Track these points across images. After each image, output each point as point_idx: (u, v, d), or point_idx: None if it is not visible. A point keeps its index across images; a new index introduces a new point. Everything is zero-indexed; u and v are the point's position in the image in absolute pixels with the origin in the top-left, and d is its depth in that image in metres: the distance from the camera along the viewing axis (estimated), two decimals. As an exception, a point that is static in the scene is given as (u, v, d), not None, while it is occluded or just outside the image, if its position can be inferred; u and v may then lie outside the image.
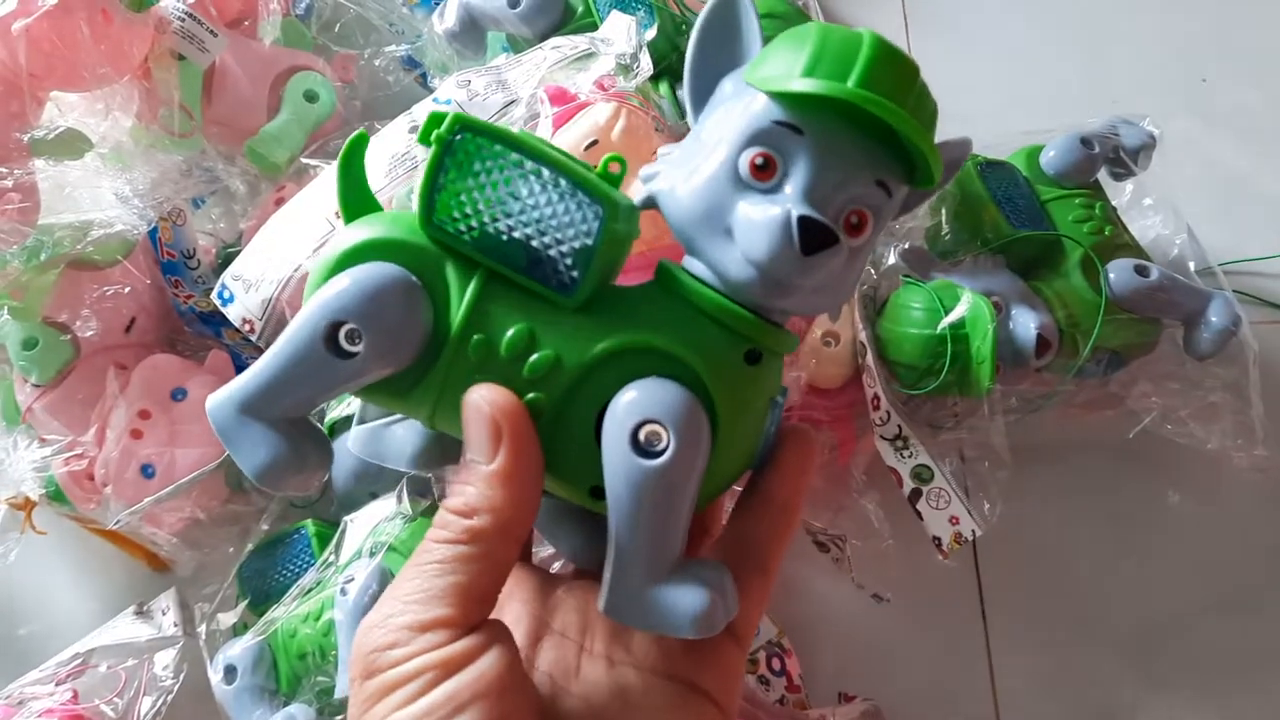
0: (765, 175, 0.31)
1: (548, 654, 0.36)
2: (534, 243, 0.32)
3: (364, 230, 0.33)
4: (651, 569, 0.31)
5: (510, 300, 0.32)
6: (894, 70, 0.32)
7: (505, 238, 0.32)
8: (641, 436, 0.31)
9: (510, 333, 0.32)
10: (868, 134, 0.32)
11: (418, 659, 0.30)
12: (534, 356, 0.32)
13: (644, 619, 0.31)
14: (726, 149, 0.32)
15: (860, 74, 0.31)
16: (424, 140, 0.32)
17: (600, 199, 0.31)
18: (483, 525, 0.31)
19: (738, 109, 0.32)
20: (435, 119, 0.31)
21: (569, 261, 0.32)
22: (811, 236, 0.30)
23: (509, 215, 0.32)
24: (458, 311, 0.32)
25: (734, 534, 0.37)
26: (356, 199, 0.35)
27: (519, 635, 0.35)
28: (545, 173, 0.31)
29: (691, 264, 0.34)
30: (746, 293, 0.32)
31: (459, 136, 0.31)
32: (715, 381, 0.32)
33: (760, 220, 0.31)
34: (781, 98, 0.31)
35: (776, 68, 0.32)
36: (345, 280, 0.32)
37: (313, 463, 0.34)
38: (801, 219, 0.30)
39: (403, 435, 0.37)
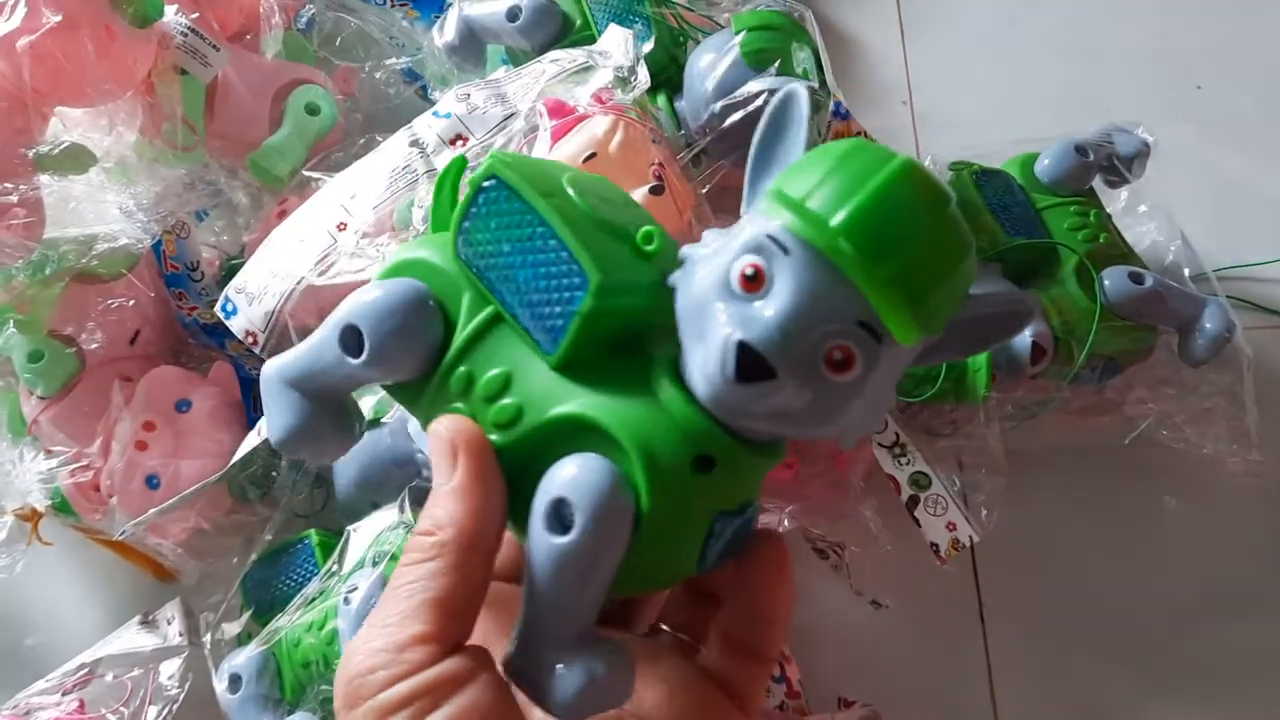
0: (753, 287, 0.29)
1: None
2: (531, 295, 0.32)
3: (413, 250, 0.35)
4: (549, 640, 0.31)
5: (505, 343, 0.33)
6: (896, 210, 0.29)
7: (511, 282, 0.32)
8: (556, 511, 0.30)
9: (490, 374, 0.33)
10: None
11: (403, 684, 0.30)
12: (501, 402, 0.33)
13: (533, 689, 0.31)
14: (730, 252, 0.30)
15: (849, 214, 0.28)
16: (447, 177, 0.33)
17: (589, 272, 0.31)
18: (445, 538, 0.31)
19: (756, 212, 0.31)
20: (459, 162, 0.33)
21: (558, 323, 0.32)
22: (745, 366, 0.29)
23: (518, 263, 0.32)
24: (455, 341, 0.33)
25: (727, 624, 0.36)
26: (439, 218, 0.37)
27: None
28: (550, 235, 0.31)
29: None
30: (706, 404, 0.31)
31: (490, 183, 0.32)
32: (649, 479, 0.30)
33: (714, 336, 0.30)
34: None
35: (794, 180, 0.30)
36: (374, 290, 0.34)
37: (327, 441, 0.36)
38: (740, 344, 0.29)
39: None
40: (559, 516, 0.30)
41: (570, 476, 0.30)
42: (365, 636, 0.31)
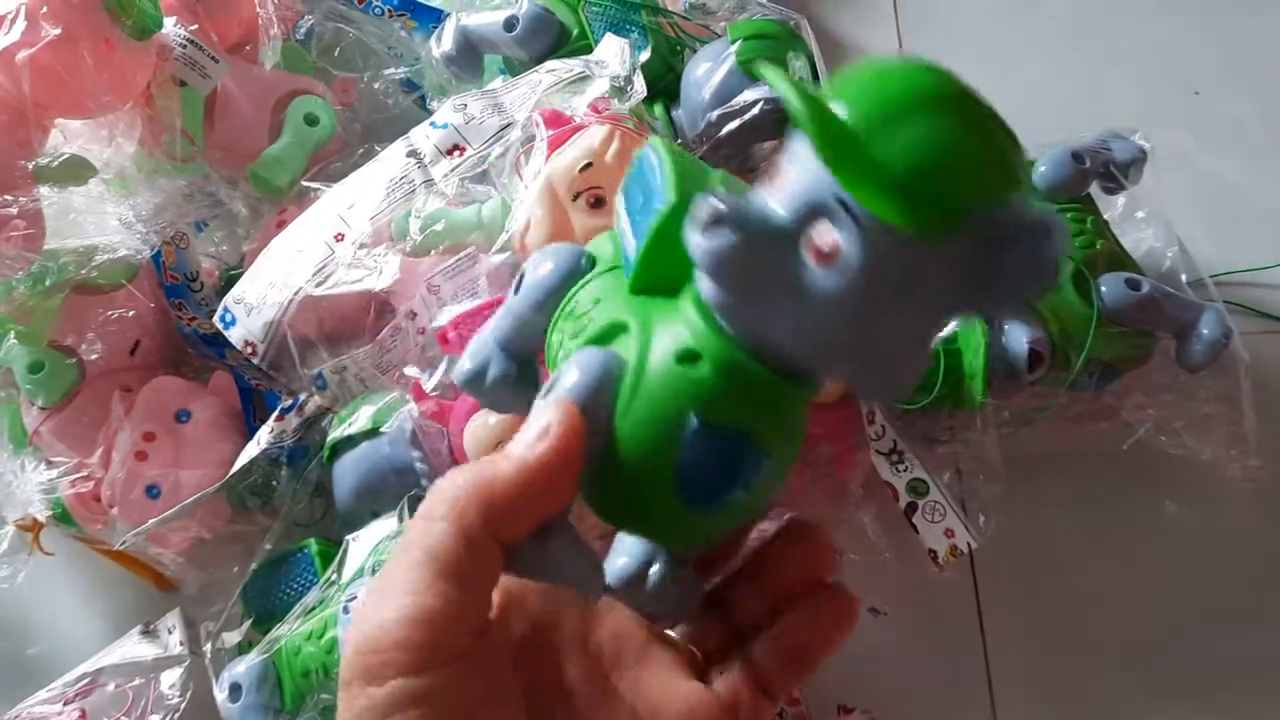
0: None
1: (576, 670, 0.35)
2: (636, 221, 0.35)
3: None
4: None
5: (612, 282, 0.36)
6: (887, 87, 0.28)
7: (633, 214, 0.35)
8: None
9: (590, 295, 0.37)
10: None
11: (409, 679, 0.29)
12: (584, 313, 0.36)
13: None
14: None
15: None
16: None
17: (669, 190, 0.33)
18: (460, 496, 0.30)
19: None
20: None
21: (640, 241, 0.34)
22: (701, 213, 0.28)
23: (639, 200, 0.35)
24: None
25: (758, 656, 0.35)
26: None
27: (546, 643, 0.35)
28: (658, 165, 0.35)
29: None
30: (712, 309, 0.31)
31: (649, 148, 0.36)
32: (637, 353, 0.32)
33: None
34: None
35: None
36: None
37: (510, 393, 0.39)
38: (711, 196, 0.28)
39: None
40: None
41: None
42: (376, 600, 0.30)
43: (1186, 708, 0.65)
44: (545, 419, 0.31)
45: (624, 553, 0.35)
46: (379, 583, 0.30)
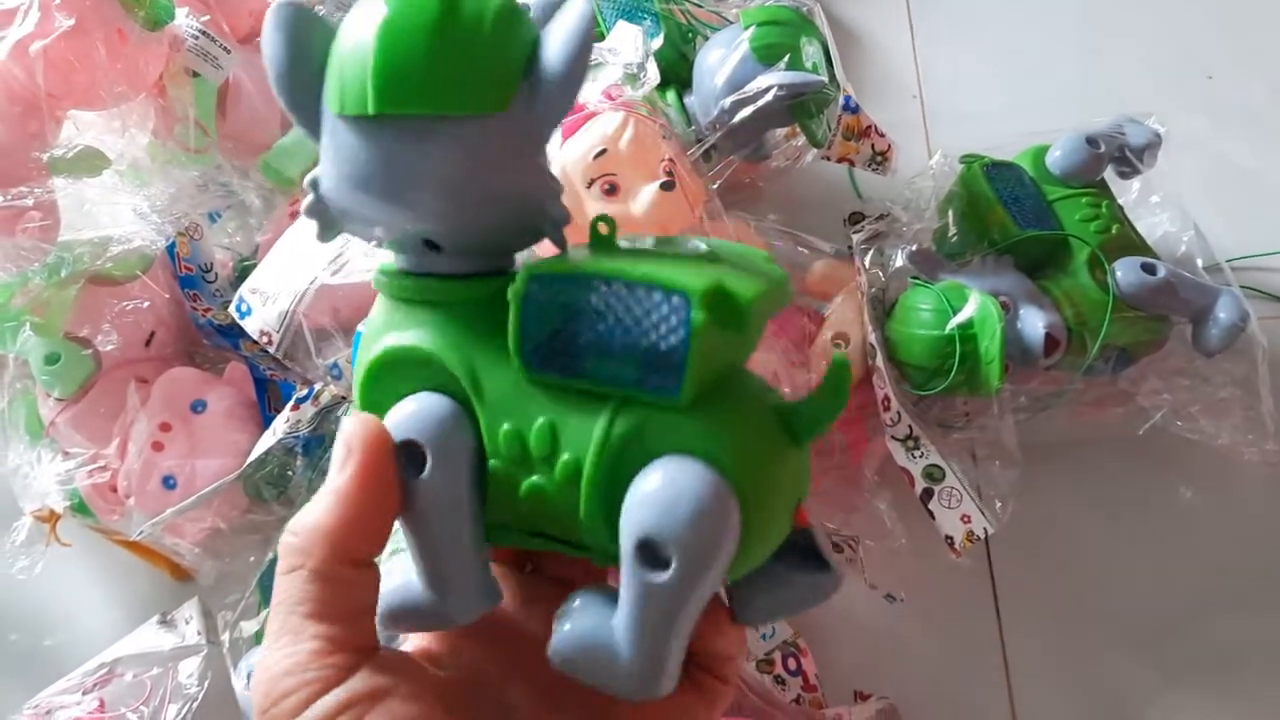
0: None
1: (520, 687, 0.34)
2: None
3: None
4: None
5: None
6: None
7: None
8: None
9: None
10: None
11: (317, 705, 0.29)
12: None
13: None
14: None
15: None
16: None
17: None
18: (308, 545, 0.31)
19: None
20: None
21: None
22: None
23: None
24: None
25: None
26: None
27: (495, 658, 0.35)
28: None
29: None
30: None
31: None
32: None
33: None
34: None
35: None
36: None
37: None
38: None
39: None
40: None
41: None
42: (263, 661, 0.30)
43: (1202, 691, 0.65)
44: (343, 443, 0.31)
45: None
46: (266, 641, 0.31)
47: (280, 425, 0.62)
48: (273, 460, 0.65)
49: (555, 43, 0.29)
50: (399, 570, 0.34)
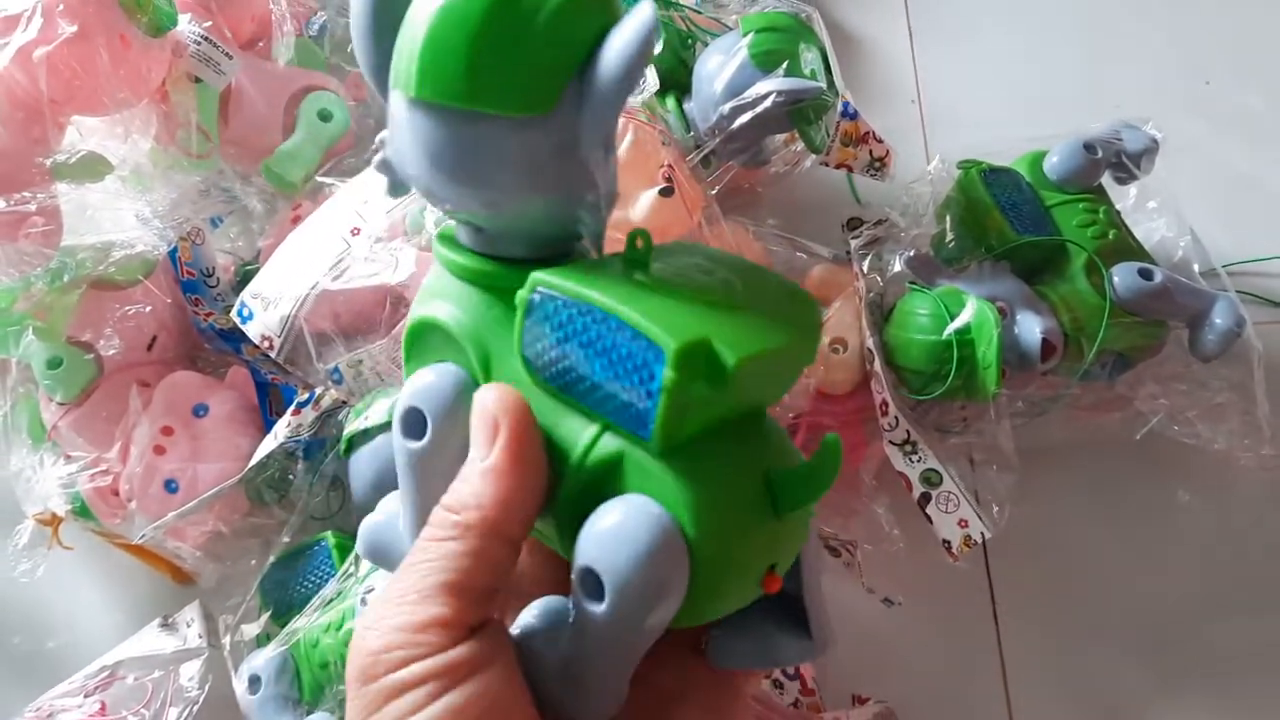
0: None
1: None
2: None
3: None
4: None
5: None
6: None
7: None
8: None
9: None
10: None
11: (417, 665, 0.29)
12: None
13: None
14: None
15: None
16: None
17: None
18: (470, 520, 0.31)
19: None
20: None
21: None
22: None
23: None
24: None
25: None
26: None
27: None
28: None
29: None
30: None
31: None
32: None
33: None
34: None
35: None
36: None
37: None
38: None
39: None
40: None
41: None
42: (380, 611, 0.31)
43: (1200, 695, 0.65)
44: (487, 416, 0.31)
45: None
46: (390, 592, 0.31)
47: (281, 429, 0.63)
48: (274, 464, 0.66)
49: (613, 49, 0.28)
50: (387, 517, 0.36)
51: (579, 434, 0.31)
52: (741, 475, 0.31)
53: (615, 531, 0.29)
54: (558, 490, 0.32)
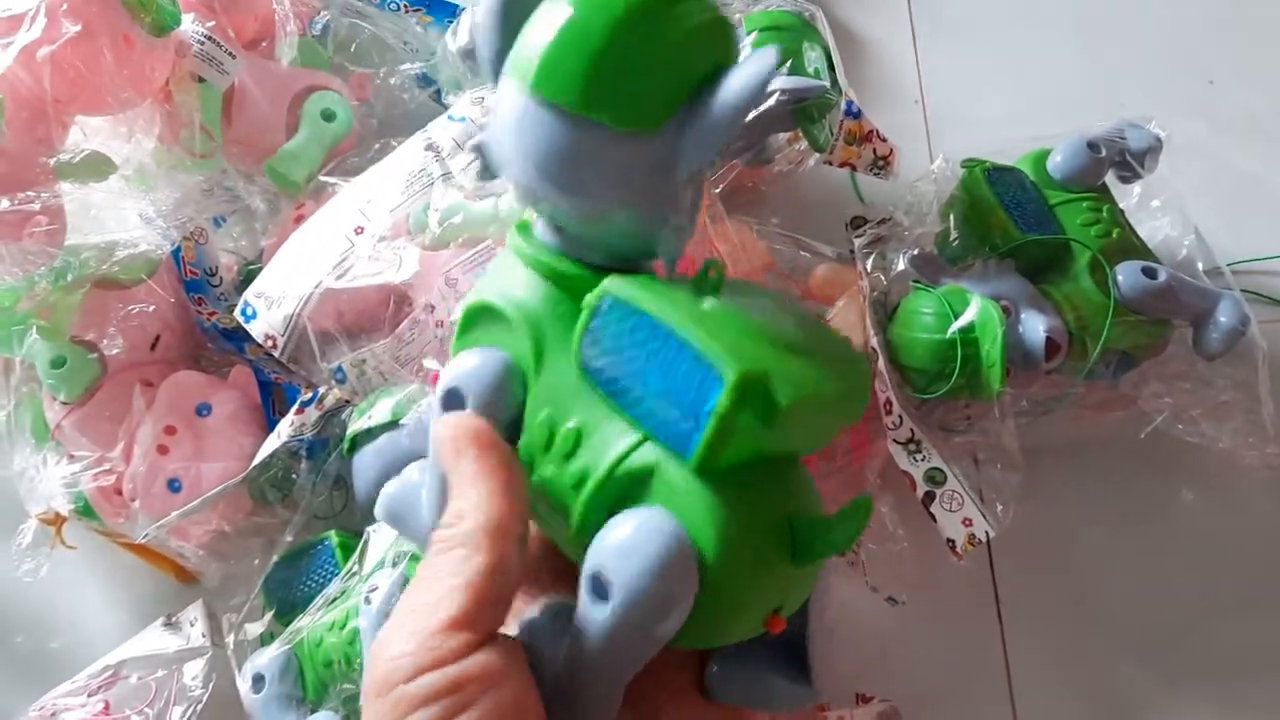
0: None
1: None
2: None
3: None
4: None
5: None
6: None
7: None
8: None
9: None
10: None
11: (435, 673, 0.29)
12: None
13: None
14: None
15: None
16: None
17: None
18: (471, 526, 0.31)
19: None
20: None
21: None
22: None
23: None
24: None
25: None
26: None
27: None
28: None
29: None
30: None
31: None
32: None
33: None
34: None
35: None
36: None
37: None
38: None
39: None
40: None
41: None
42: (398, 622, 0.31)
43: (1205, 695, 0.65)
44: (447, 444, 0.33)
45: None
46: (409, 598, 0.32)
47: (285, 428, 0.63)
48: (277, 463, 0.66)
49: (732, 85, 0.29)
50: (410, 487, 0.37)
51: (618, 438, 0.31)
52: (767, 513, 0.31)
53: (631, 539, 0.30)
54: (575, 498, 0.32)
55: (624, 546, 0.30)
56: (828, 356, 0.32)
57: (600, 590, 0.30)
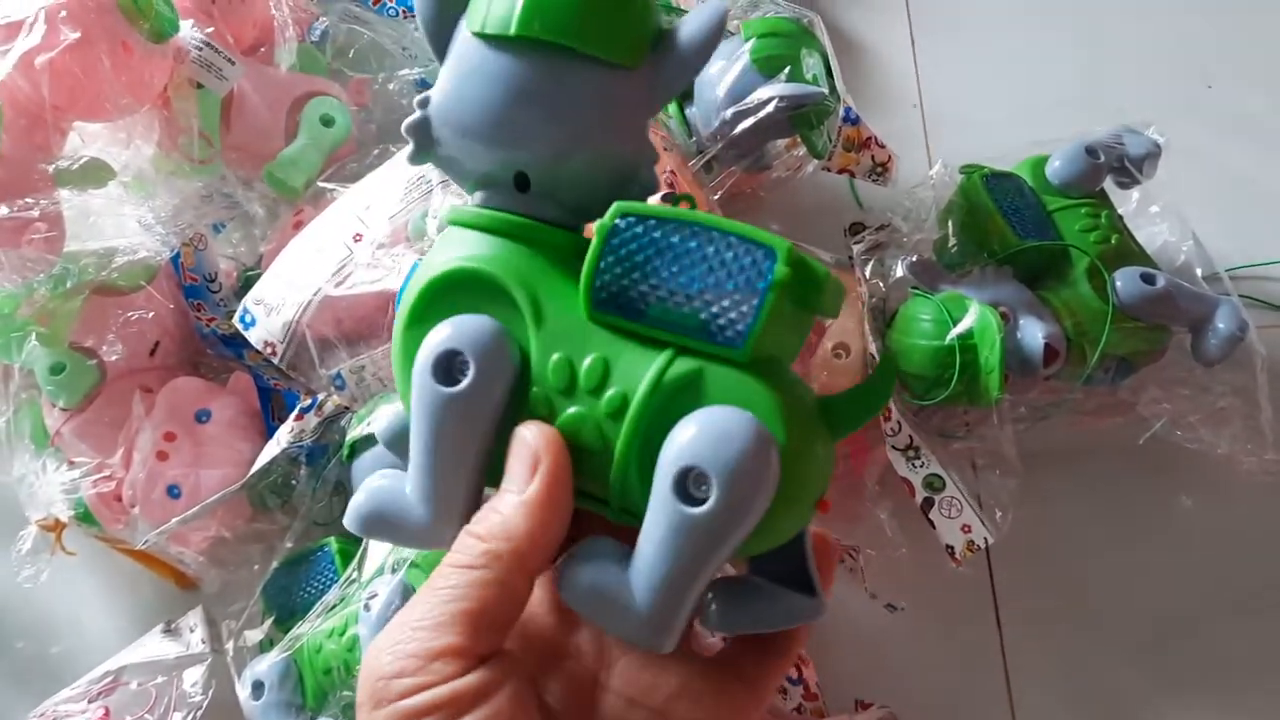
0: None
1: (559, 684, 0.35)
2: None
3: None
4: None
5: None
6: None
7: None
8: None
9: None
10: None
11: (426, 693, 0.30)
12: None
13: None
14: None
15: None
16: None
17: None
18: (499, 550, 0.31)
19: None
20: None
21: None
22: None
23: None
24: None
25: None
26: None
27: (530, 656, 0.35)
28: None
29: None
30: None
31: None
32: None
33: None
34: None
35: None
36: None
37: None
38: None
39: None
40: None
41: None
42: (395, 636, 0.31)
43: (1203, 701, 0.65)
44: (527, 449, 0.32)
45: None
46: (409, 615, 0.32)
47: (284, 435, 0.63)
48: (277, 470, 0.66)
49: (693, 21, 0.32)
50: (391, 479, 0.36)
51: (647, 363, 0.32)
52: (804, 397, 0.33)
53: (717, 431, 0.30)
54: (617, 425, 0.32)
55: (714, 435, 0.30)
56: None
57: (692, 490, 0.30)
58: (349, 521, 0.36)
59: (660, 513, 0.31)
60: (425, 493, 0.34)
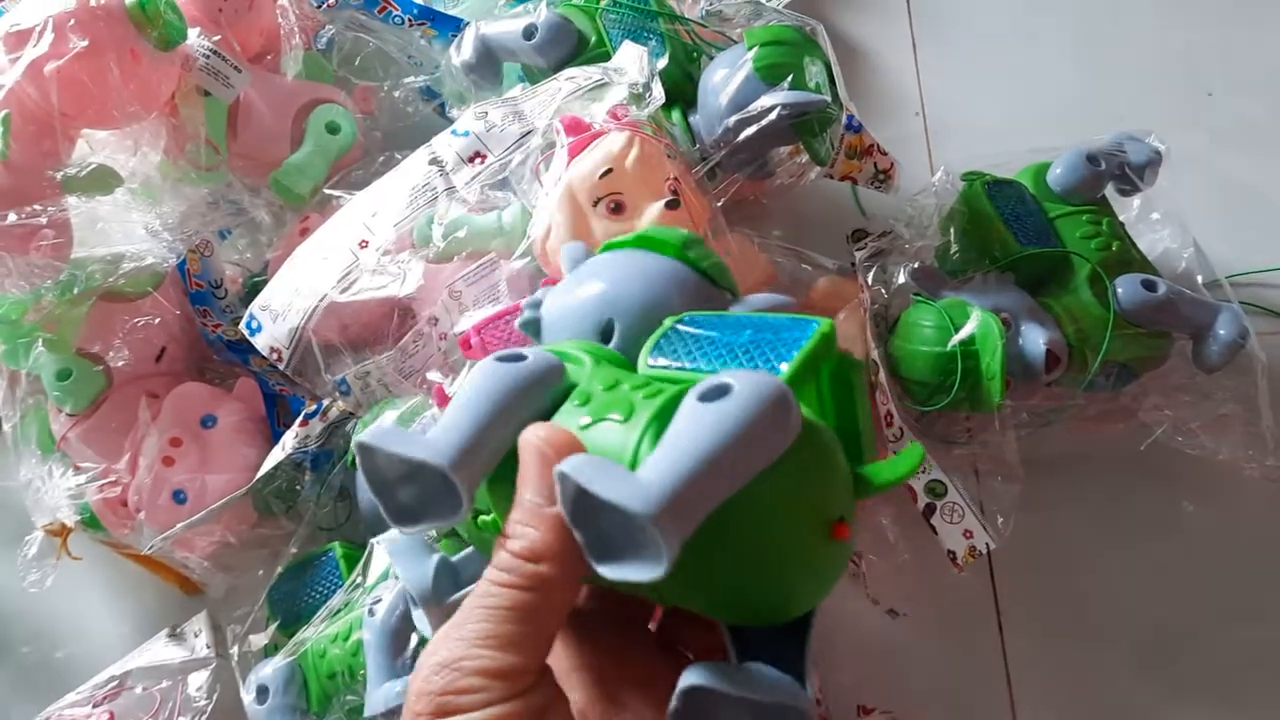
0: None
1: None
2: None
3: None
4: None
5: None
6: None
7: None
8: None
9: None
10: None
11: (485, 711, 0.30)
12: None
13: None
14: None
15: None
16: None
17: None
18: (548, 573, 0.31)
19: None
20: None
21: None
22: None
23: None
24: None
25: None
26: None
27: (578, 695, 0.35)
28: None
29: None
30: None
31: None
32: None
33: None
34: None
35: None
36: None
37: None
38: None
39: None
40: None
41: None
42: (456, 651, 0.31)
43: (1205, 706, 0.65)
44: (545, 460, 0.32)
45: None
46: (463, 630, 0.31)
47: (289, 440, 0.63)
48: (282, 475, 0.66)
49: None
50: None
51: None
52: (827, 419, 0.36)
53: (748, 373, 0.31)
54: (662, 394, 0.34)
55: (746, 373, 0.31)
56: None
57: (717, 393, 0.31)
58: (366, 433, 0.35)
59: (685, 409, 0.31)
60: (445, 419, 0.34)
